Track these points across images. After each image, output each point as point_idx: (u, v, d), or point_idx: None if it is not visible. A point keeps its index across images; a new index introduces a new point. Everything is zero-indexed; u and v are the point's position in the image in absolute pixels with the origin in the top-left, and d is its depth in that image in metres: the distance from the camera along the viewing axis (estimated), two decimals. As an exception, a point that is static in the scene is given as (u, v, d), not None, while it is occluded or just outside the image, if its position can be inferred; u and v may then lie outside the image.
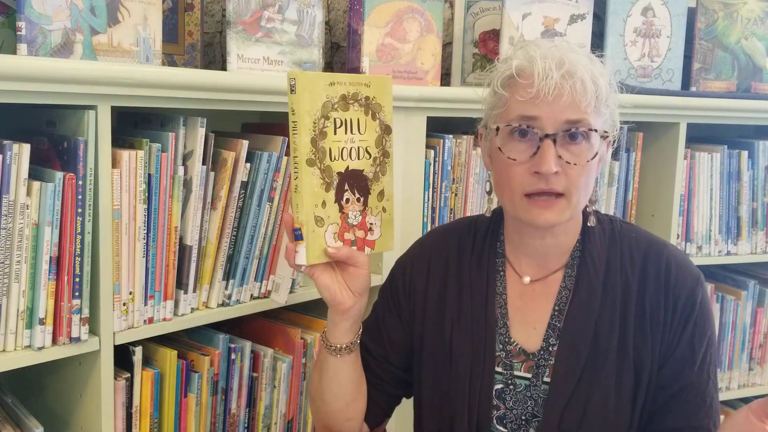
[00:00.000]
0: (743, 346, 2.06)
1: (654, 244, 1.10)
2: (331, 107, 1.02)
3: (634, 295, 1.06)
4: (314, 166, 1.01)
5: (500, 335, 1.10)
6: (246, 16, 1.36)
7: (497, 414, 1.08)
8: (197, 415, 1.30)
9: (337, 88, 1.02)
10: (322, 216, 1.02)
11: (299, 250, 1.01)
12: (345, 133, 1.04)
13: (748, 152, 1.95)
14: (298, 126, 0.99)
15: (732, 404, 2.14)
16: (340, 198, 1.05)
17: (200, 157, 1.22)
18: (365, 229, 1.08)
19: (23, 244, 1.04)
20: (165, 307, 1.23)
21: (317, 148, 1.01)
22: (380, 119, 1.09)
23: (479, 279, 1.12)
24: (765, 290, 2.06)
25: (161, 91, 1.15)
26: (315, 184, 1.01)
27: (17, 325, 1.06)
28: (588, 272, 1.08)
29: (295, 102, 0.99)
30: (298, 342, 1.46)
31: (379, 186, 1.10)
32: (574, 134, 0.98)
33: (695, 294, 1.06)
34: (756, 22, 1.93)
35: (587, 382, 1.04)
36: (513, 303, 1.11)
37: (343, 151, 1.04)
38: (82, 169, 1.07)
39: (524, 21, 1.68)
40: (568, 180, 0.99)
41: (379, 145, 1.09)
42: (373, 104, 1.08)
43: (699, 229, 1.94)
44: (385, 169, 1.10)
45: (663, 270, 1.07)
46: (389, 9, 1.58)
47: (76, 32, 1.15)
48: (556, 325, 1.08)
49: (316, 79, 1.01)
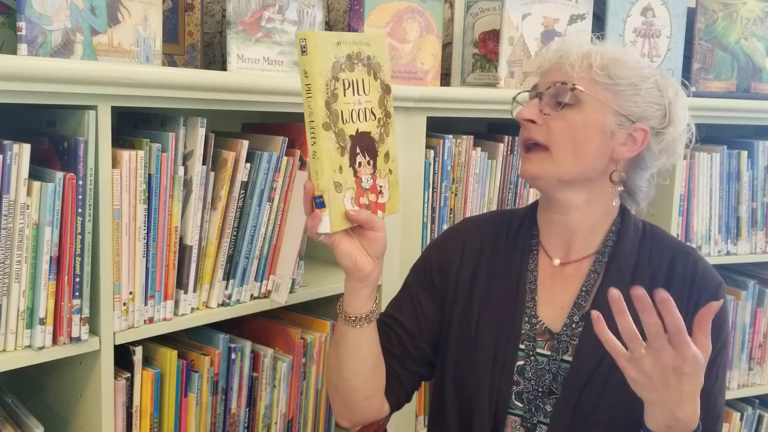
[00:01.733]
0: (743, 346, 2.06)
1: (683, 247, 1.17)
2: (339, 68, 0.98)
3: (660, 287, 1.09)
4: (330, 130, 0.97)
5: (527, 312, 1.14)
6: (246, 16, 1.36)
7: (516, 389, 1.12)
8: (197, 414, 1.30)
9: (343, 48, 0.99)
10: (340, 181, 0.99)
11: (323, 219, 0.97)
12: (353, 95, 1.01)
13: (748, 152, 1.95)
14: (312, 89, 0.95)
15: (732, 404, 2.14)
16: (353, 162, 1.01)
17: (200, 157, 1.22)
18: (376, 192, 1.06)
19: (23, 244, 1.04)
20: (165, 307, 1.23)
21: (331, 111, 0.97)
22: (380, 78, 1.06)
23: (512, 259, 1.18)
24: (765, 290, 2.06)
25: (161, 91, 1.15)
26: (332, 149, 0.97)
27: (17, 325, 1.06)
28: (619, 260, 1.13)
29: (306, 63, 0.95)
30: (298, 342, 1.46)
31: (385, 147, 1.07)
32: (560, 95, 1.08)
33: (717, 296, 1.10)
34: (756, 23, 1.93)
35: (607, 366, 1.06)
36: (543, 282, 1.16)
37: (353, 113, 1.01)
38: (82, 169, 1.07)
39: (524, 21, 1.68)
40: (549, 132, 1.09)
41: (381, 106, 1.06)
42: (374, 63, 1.05)
43: (699, 229, 1.94)
44: (389, 130, 1.07)
45: (690, 269, 1.12)
46: (389, 9, 1.58)
47: (76, 32, 1.15)
48: (582, 305, 1.12)
49: (326, 38, 0.97)
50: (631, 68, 1.10)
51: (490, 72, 1.80)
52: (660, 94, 1.11)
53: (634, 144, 1.11)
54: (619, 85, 1.08)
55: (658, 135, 1.12)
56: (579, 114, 1.08)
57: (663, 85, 1.12)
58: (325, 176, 0.96)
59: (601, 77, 1.08)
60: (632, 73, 1.09)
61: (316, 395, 1.53)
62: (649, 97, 1.10)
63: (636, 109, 1.09)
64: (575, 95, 1.08)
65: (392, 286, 1.56)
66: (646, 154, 1.13)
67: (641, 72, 1.11)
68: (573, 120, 1.08)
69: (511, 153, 1.71)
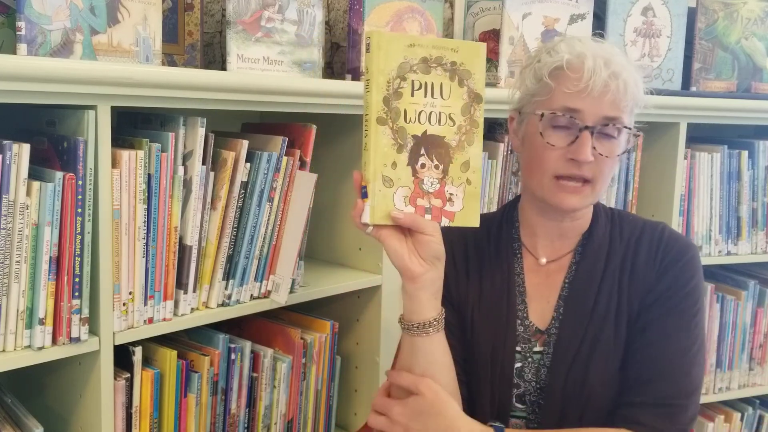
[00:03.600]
0: (743, 346, 2.06)
1: (651, 223, 1.19)
2: (409, 68, 1.01)
3: (629, 261, 1.13)
4: (385, 125, 1.00)
5: (519, 315, 1.15)
6: (246, 16, 1.36)
7: (517, 392, 1.13)
8: (197, 415, 1.30)
9: (418, 51, 1.01)
10: (392, 177, 1.00)
11: (365, 209, 1.00)
12: (425, 96, 1.02)
13: (748, 152, 1.95)
14: (370, 84, 0.99)
15: (732, 404, 2.14)
16: (415, 162, 1.02)
17: (200, 157, 1.22)
18: (443, 198, 1.05)
19: (23, 244, 1.04)
20: (165, 307, 1.23)
21: (390, 107, 1.00)
22: (468, 86, 1.05)
23: (498, 264, 1.18)
24: (765, 290, 2.06)
25: (161, 91, 1.15)
26: (385, 144, 1.00)
27: (17, 325, 1.06)
28: (593, 246, 1.15)
29: (368, 61, 0.99)
30: (298, 342, 1.46)
31: (464, 156, 1.06)
32: (609, 129, 1.07)
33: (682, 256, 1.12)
34: (756, 22, 1.92)
35: (588, 344, 1.09)
36: (530, 281, 1.18)
37: (421, 115, 1.02)
38: (82, 169, 1.07)
39: (524, 21, 1.68)
40: (598, 169, 1.07)
41: (465, 113, 1.05)
42: (461, 70, 1.04)
43: (699, 229, 1.94)
44: (473, 140, 1.06)
45: (656, 237, 1.14)
46: (389, 9, 1.58)
47: (75, 32, 1.15)
48: (563, 295, 1.14)
49: (393, 39, 1.00)
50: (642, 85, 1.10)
51: (490, 72, 1.79)
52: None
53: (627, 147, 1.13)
54: (636, 105, 1.09)
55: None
56: (618, 146, 1.09)
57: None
58: (372, 168, 0.99)
59: (630, 104, 1.08)
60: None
61: (316, 395, 1.53)
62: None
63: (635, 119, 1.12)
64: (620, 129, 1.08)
65: (393, 286, 1.56)
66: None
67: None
68: (614, 152, 1.08)
69: (511, 153, 1.71)
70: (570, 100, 1.06)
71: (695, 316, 1.09)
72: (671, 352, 1.07)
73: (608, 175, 1.10)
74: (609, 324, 1.10)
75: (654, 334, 1.08)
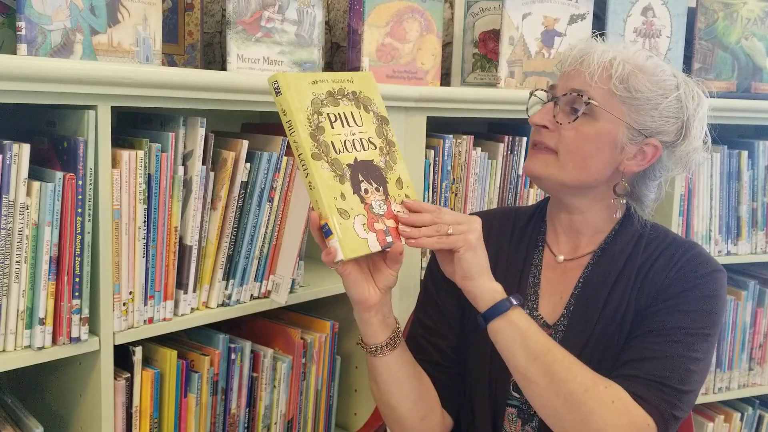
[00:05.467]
0: (743, 346, 2.06)
1: (681, 239, 1.17)
2: (320, 103, 1.03)
3: (646, 268, 1.12)
4: (321, 160, 1.00)
5: (529, 306, 1.16)
6: (246, 16, 1.36)
7: (513, 380, 1.13)
8: (197, 415, 1.30)
9: (321, 86, 1.04)
10: (345, 208, 1.01)
11: (335, 245, 0.99)
12: (343, 126, 1.05)
13: (749, 152, 1.95)
14: (293, 123, 1.00)
15: (732, 404, 2.14)
16: (358, 189, 1.03)
17: (200, 157, 1.22)
18: (395, 218, 1.06)
19: (23, 244, 1.04)
20: (165, 307, 1.23)
21: (318, 142, 1.01)
22: (373, 111, 1.09)
23: (516, 254, 1.20)
24: (765, 290, 2.06)
25: (161, 91, 1.15)
26: (327, 177, 1.00)
27: (17, 325, 1.06)
28: (614, 250, 1.15)
29: (283, 102, 1.00)
30: (298, 342, 1.46)
31: (394, 174, 1.09)
32: (576, 104, 1.08)
33: (705, 267, 1.09)
34: (756, 22, 1.92)
35: (594, 343, 1.10)
36: (546, 275, 1.19)
37: (347, 143, 1.04)
38: (82, 169, 1.07)
39: (524, 21, 1.68)
40: (560, 140, 1.09)
41: (380, 135, 1.09)
42: (362, 98, 1.08)
43: (699, 229, 1.93)
44: (395, 158, 1.10)
45: (681, 251, 1.13)
46: (389, 9, 1.58)
47: (76, 32, 1.15)
48: (576, 293, 1.15)
49: (298, 78, 1.02)
50: (654, 80, 1.07)
51: (490, 72, 1.80)
52: (680, 107, 1.09)
53: (643, 159, 1.10)
54: (637, 99, 1.07)
55: (672, 149, 1.10)
56: (592, 125, 1.08)
57: (686, 97, 1.09)
58: (326, 203, 0.99)
59: (620, 90, 1.06)
60: (653, 87, 1.07)
61: (315, 395, 1.53)
62: (667, 111, 1.08)
63: (651, 124, 1.08)
64: (590, 106, 1.07)
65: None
66: (656, 166, 1.12)
67: (663, 84, 1.08)
68: (584, 131, 1.08)
69: (511, 153, 1.71)
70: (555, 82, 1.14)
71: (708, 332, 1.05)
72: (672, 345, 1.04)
73: (578, 150, 1.08)
74: (616, 325, 1.10)
75: (656, 324, 1.06)
